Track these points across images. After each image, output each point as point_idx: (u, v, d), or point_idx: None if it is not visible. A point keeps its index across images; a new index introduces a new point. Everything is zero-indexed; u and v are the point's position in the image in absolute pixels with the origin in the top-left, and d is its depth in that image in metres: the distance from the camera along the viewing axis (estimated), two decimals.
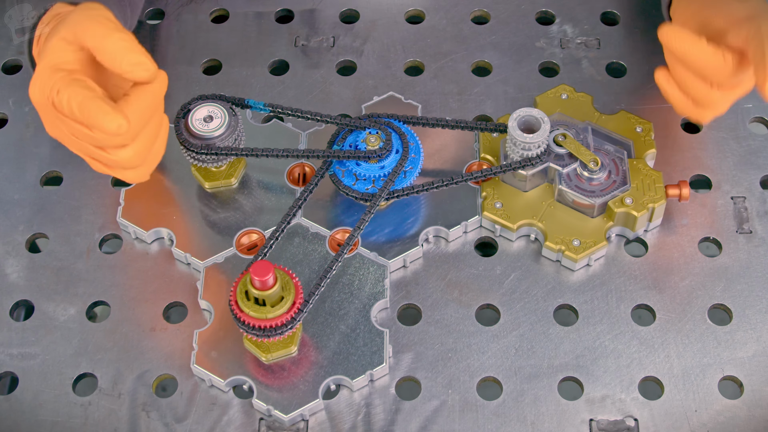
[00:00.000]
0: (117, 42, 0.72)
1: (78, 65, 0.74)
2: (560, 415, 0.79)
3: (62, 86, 0.71)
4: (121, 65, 0.72)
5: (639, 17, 1.01)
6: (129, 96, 0.74)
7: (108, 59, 0.73)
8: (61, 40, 0.73)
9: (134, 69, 0.72)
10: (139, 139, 0.75)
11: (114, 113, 0.70)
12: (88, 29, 0.73)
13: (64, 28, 0.74)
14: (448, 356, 0.82)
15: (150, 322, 0.84)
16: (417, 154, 0.86)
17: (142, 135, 0.75)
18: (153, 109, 0.75)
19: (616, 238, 0.87)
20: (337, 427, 0.79)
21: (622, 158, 0.87)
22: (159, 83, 0.75)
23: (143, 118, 0.74)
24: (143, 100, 0.74)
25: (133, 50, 0.72)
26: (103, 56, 0.73)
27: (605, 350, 0.82)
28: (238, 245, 0.86)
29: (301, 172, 0.90)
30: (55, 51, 0.73)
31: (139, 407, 0.80)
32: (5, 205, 0.91)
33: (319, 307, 0.83)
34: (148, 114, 0.74)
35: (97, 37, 0.73)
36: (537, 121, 0.85)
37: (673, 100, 0.82)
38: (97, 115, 0.70)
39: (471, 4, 1.03)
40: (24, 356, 0.83)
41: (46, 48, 0.74)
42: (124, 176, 0.78)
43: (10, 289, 0.86)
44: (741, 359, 0.81)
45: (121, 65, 0.72)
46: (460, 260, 0.87)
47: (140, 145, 0.76)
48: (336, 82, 0.98)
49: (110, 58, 0.72)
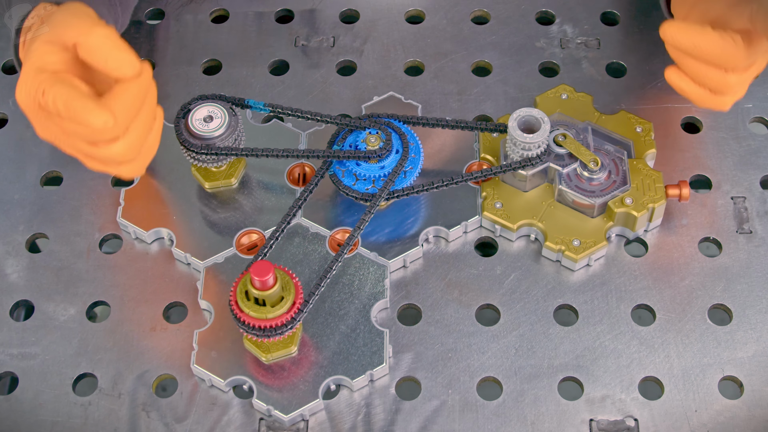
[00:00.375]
0: (99, 38, 0.72)
1: (63, 65, 0.73)
2: (560, 415, 0.79)
3: (47, 86, 0.71)
4: (106, 62, 0.72)
5: (639, 17, 1.01)
6: (113, 90, 0.73)
7: (90, 56, 0.72)
8: (44, 42, 0.73)
9: (118, 66, 0.72)
10: (130, 132, 0.75)
11: (99, 109, 0.70)
12: (70, 27, 0.72)
13: (46, 29, 0.74)
14: (448, 356, 0.82)
15: (150, 322, 0.84)
16: (417, 154, 0.86)
17: (133, 128, 0.75)
18: (140, 101, 0.74)
19: (616, 238, 0.88)
20: (337, 427, 0.79)
21: (622, 158, 0.87)
22: (144, 76, 0.74)
23: (130, 112, 0.74)
24: (128, 93, 0.73)
25: (115, 46, 0.72)
26: (86, 53, 0.72)
27: (605, 350, 0.82)
28: (238, 245, 0.86)
29: (301, 172, 0.90)
30: (39, 53, 0.73)
31: (139, 407, 0.80)
32: (5, 205, 0.91)
33: (319, 307, 0.83)
34: (135, 107, 0.74)
35: (80, 35, 0.72)
36: (537, 121, 0.85)
37: (689, 94, 0.81)
38: (82, 112, 0.70)
39: (471, 4, 1.03)
40: (24, 356, 0.83)
41: (30, 50, 0.73)
42: (119, 172, 0.77)
43: (10, 289, 0.86)
44: (741, 359, 0.81)
45: (106, 62, 0.72)
46: (460, 260, 0.87)
47: (132, 138, 0.75)
48: (336, 82, 0.98)
49: (93, 55, 0.72)
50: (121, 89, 0.73)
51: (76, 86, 0.71)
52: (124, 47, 0.72)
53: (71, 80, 0.72)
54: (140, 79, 0.73)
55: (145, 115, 0.76)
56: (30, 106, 0.73)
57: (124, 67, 0.72)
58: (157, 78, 0.98)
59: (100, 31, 0.72)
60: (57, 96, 0.70)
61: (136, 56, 0.72)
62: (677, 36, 0.77)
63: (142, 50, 1.01)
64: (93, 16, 0.74)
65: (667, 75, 0.81)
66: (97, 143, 0.74)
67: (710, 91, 0.80)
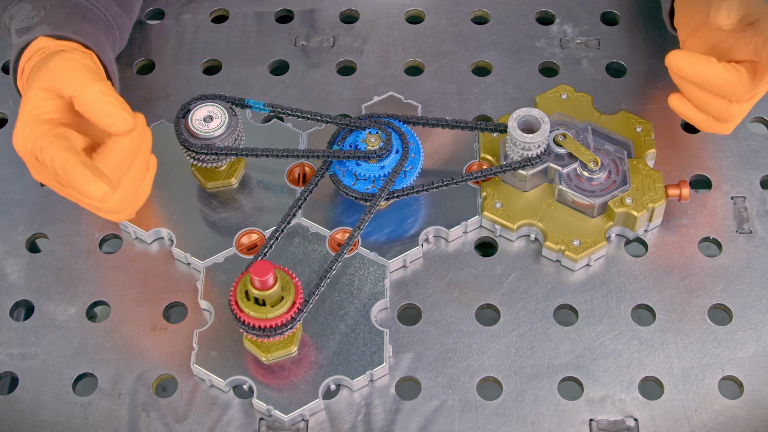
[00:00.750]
0: (94, 94, 0.73)
1: (58, 114, 0.74)
2: (560, 415, 0.79)
3: (45, 144, 0.72)
4: (100, 118, 0.73)
5: (639, 17, 1.01)
6: (107, 146, 0.74)
7: (86, 111, 0.73)
8: (40, 89, 0.74)
9: (111, 122, 0.73)
10: (122, 186, 0.76)
11: (97, 181, 0.70)
12: (67, 79, 0.74)
13: (43, 76, 0.74)
14: (448, 356, 0.82)
15: (150, 322, 0.84)
16: (417, 154, 0.86)
17: (125, 181, 0.76)
18: (132, 156, 0.76)
19: (616, 238, 0.88)
20: (337, 427, 0.79)
21: (622, 158, 0.87)
22: (137, 131, 0.75)
23: (123, 167, 0.75)
24: (121, 149, 0.74)
25: (109, 103, 0.73)
26: (82, 107, 0.73)
27: (605, 350, 0.82)
28: (238, 245, 0.86)
29: (301, 172, 0.90)
30: (35, 101, 0.74)
31: (139, 407, 0.80)
32: (5, 205, 0.91)
33: (319, 307, 0.83)
34: (127, 162, 0.75)
35: (76, 88, 0.73)
36: (537, 121, 0.85)
37: (692, 120, 0.84)
38: (81, 182, 0.70)
39: (471, 4, 1.03)
40: (24, 356, 0.83)
41: (27, 98, 0.74)
42: (110, 218, 0.79)
43: (10, 289, 0.86)
44: (741, 359, 0.81)
45: (100, 118, 0.73)
46: (460, 260, 0.87)
47: (124, 190, 0.77)
48: (336, 82, 0.98)
49: (88, 111, 0.73)
50: (114, 145, 0.74)
51: (74, 148, 0.72)
52: (118, 103, 0.73)
53: (68, 137, 0.73)
54: (133, 135, 0.75)
55: (138, 167, 0.77)
56: (27, 155, 0.74)
57: (118, 124, 0.73)
58: (157, 78, 0.99)
59: (96, 87, 0.73)
60: (55, 158, 0.71)
61: (130, 111, 0.73)
62: (683, 66, 0.78)
63: (142, 50, 1.01)
64: (90, 66, 0.75)
65: (671, 102, 0.83)
66: None
67: (713, 119, 0.82)
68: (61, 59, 0.75)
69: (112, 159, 0.74)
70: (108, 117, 0.73)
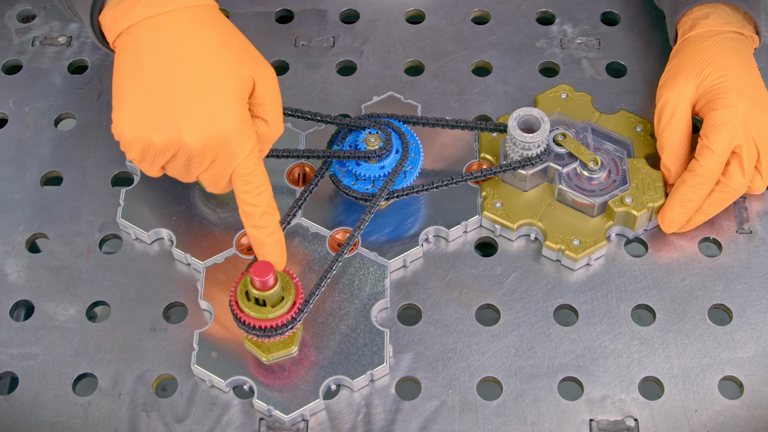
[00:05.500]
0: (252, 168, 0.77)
1: None
2: (560, 415, 0.79)
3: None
4: (252, 220, 0.78)
5: (639, 17, 1.01)
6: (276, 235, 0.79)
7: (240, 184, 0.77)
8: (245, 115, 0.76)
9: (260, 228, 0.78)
10: None
11: (282, 263, 0.78)
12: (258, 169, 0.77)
13: None
14: (448, 356, 0.82)
15: (150, 322, 0.84)
16: (417, 154, 0.86)
17: None
18: None
19: (616, 237, 0.88)
20: (338, 427, 0.79)
21: (621, 158, 0.87)
22: None
23: None
24: None
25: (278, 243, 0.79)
26: (237, 180, 0.77)
27: (605, 350, 0.82)
28: (238, 245, 0.86)
29: (301, 172, 0.90)
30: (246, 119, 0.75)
31: (139, 407, 0.80)
32: (5, 205, 0.91)
33: (319, 307, 0.83)
34: None
35: None
36: (537, 120, 0.85)
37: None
38: (269, 253, 0.78)
39: (471, 4, 1.03)
40: (24, 356, 0.83)
41: None
42: None
43: (10, 289, 0.86)
44: (741, 359, 0.81)
45: (252, 220, 0.78)
46: (460, 260, 0.87)
47: None
48: (336, 82, 0.98)
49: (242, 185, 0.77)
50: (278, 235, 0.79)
51: (277, 216, 0.79)
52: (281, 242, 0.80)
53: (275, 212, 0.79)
54: None
55: None
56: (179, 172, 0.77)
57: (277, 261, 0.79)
58: None
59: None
60: (264, 216, 0.78)
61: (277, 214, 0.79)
62: (675, 221, 0.85)
63: None
64: None
65: None
66: None
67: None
68: None
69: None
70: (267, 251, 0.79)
